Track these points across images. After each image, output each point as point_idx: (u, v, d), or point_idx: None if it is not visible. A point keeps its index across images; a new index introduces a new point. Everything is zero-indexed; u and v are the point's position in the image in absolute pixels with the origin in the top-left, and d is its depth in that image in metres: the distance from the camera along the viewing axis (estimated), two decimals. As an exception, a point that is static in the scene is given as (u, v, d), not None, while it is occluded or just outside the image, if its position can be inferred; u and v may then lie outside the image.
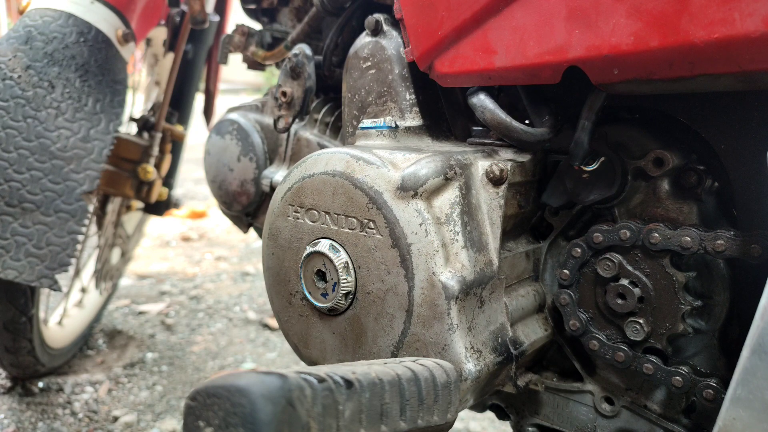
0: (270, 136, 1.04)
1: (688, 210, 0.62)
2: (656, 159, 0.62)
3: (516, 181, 0.65)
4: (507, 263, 0.67)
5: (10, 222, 0.98)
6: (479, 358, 0.59)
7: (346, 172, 0.62)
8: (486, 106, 0.66)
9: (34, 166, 1.00)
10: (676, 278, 0.60)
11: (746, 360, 0.46)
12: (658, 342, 0.62)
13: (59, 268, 1.01)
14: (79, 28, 1.07)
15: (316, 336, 0.67)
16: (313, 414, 0.41)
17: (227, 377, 0.40)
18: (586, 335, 0.66)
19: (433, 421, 0.50)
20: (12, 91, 0.99)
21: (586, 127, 0.60)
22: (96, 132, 1.06)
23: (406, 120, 0.74)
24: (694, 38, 0.47)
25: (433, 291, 0.57)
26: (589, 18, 0.53)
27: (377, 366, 0.49)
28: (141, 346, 1.80)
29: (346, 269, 0.62)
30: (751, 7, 0.44)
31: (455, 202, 0.60)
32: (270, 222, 0.70)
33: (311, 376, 0.42)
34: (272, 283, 0.71)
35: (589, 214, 0.70)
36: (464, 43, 0.64)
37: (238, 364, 1.74)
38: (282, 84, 0.89)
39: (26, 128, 0.99)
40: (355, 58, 0.78)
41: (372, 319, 0.61)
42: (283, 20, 1.07)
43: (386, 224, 0.59)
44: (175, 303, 2.13)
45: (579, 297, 0.67)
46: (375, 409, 0.45)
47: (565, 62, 0.56)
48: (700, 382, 0.59)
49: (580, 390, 0.71)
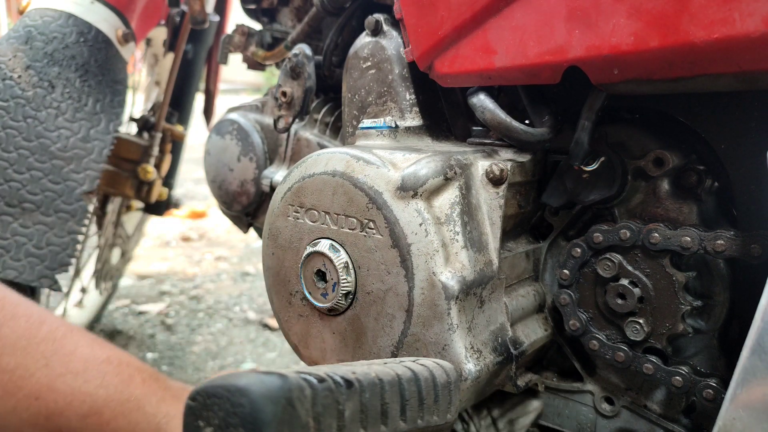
0: (270, 136, 1.04)
1: (688, 210, 0.62)
2: (656, 159, 0.62)
3: (516, 181, 0.65)
4: (507, 263, 0.67)
5: (10, 222, 0.98)
6: (479, 358, 0.59)
7: (346, 172, 0.62)
8: (486, 106, 0.66)
9: (34, 166, 1.00)
10: (676, 278, 0.60)
11: (746, 360, 0.46)
12: (658, 342, 0.62)
13: (59, 268, 1.01)
14: (79, 28, 1.07)
15: (316, 336, 0.67)
16: (313, 414, 0.41)
17: (227, 377, 0.40)
18: (586, 335, 0.66)
19: (433, 421, 0.50)
20: (12, 91, 0.99)
21: (586, 127, 0.60)
22: (96, 132, 1.06)
23: (406, 120, 0.74)
24: (694, 38, 0.47)
25: (433, 291, 0.57)
26: (589, 18, 0.53)
27: (377, 366, 0.49)
28: (141, 346, 1.80)
29: (346, 269, 0.62)
30: (751, 7, 0.44)
31: (455, 202, 0.60)
32: (270, 222, 0.70)
33: (311, 376, 0.42)
34: (272, 283, 0.71)
35: (589, 214, 0.70)
36: (464, 43, 0.64)
37: (238, 364, 1.74)
38: (282, 84, 0.89)
39: (26, 128, 0.99)
40: (355, 58, 0.78)
41: (372, 319, 0.61)
42: (283, 20, 1.07)
43: (386, 224, 0.59)
44: (175, 303, 2.13)
45: (579, 297, 0.67)
46: (375, 409, 0.45)
47: (565, 62, 0.56)
48: (700, 382, 0.59)
49: (580, 390, 0.71)
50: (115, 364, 0.58)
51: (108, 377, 0.57)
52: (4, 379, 0.53)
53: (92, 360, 0.57)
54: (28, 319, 0.57)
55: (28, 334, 0.55)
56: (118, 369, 0.58)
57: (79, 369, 0.56)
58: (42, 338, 0.56)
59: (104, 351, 0.59)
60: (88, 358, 0.57)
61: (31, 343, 0.55)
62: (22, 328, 0.56)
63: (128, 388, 0.57)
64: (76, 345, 0.57)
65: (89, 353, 0.57)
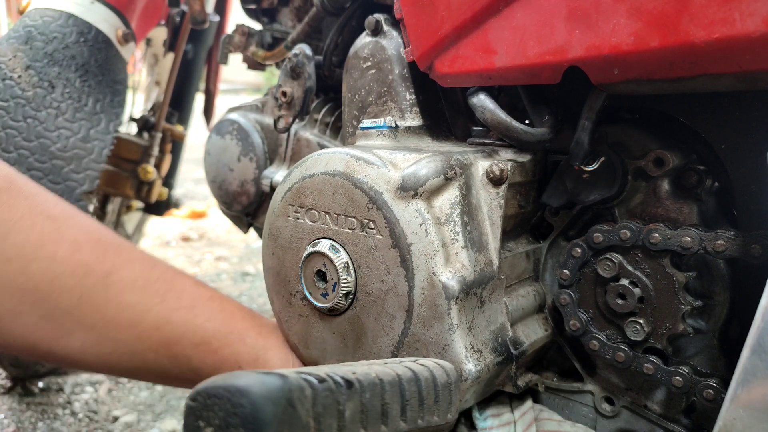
0: (270, 136, 1.04)
1: (688, 210, 0.62)
2: (656, 159, 0.62)
3: (516, 181, 0.65)
4: (507, 263, 0.67)
5: (10, 222, 0.97)
6: (479, 358, 0.59)
7: (347, 172, 0.62)
8: (486, 106, 0.66)
9: (34, 166, 1.00)
10: (677, 278, 0.60)
11: (746, 360, 0.46)
12: (659, 342, 0.62)
13: (59, 268, 1.00)
14: (79, 28, 1.07)
15: (316, 336, 0.67)
16: (313, 414, 0.41)
17: (227, 377, 0.40)
18: (587, 335, 0.66)
19: (434, 422, 0.50)
20: (12, 91, 0.99)
21: (586, 127, 0.60)
22: (96, 132, 1.06)
23: (406, 120, 0.74)
24: (695, 38, 0.47)
25: (434, 291, 0.57)
26: (589, 18, 0.53)
27: (377, 366, 0.49)
28: (141, 346, 1.79)
29: (346, 269, 0.62)
30: (751, 7, 0.44)
31: (455, 202, 0.60)
32: (270, 222, 0.70)
33: (311, 376, 0.42)
34: (272, 283, 0.71)
35: (589, 214, 0.70)
36: (464, 43, 0.64)
37: (238, 364, 1.74)
38: (282, 84, 0.89)
39: (26, 128, 0.99)
40: (355, 58, 0.78)
41: (372, 319, 0.61)
42: (283, 20, 1.07)
43: (386, 224, 0.59)
44: (175, 303, 2.13)
45: (579, 297, 0.67)
46: (375, 410, 0.45)
47: (565, 62, 0.56)
48: (700, 382, 0.59)
49: (580, 390, 0.71)
50: (218, 302, 0.67)
51: (214, 312, 0.65)
52: (128, 313, 0.61)
53: (199, 297, 0.65)
54: (142, 263, 0.64)
55: (144, 275, 0.63)
56: (221, 305, 0.67)
57: (189, 305, 0.64)
58: (156, 278, 0.64)
59: (208, 291, 0.68)
60: (196, 296, 0.65)
61: (147, 283, 0.63)
62: (138, 269, 0.63)
63: (231, 323, 0.66)
64: (184, 285, 0.66)
65: (196, 292, 0.66)
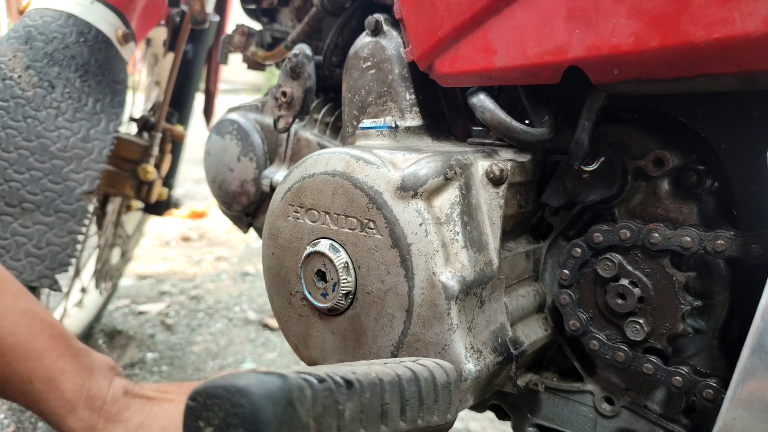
0: (270, 136, 1.04)
1: (688, 210, 0.62)
2: (656, 159, 0.62)
3: (516, 181, 0.65)
4: (507, 263, 0.67)
5: (10, 222, 0.98)
6: (479, 358, 0.59)
7: (346, 172, 0.62)
8: (486, 106, 0.66)
9: (34, 166, 1.00)
10: (676, 278, 0.60)
11: (746, 360, 0.46)
12: (658, 342, 0.62)
13: (59, 268, 1.01)
14: (79, 28, 1.07)
15: (316, 336, 0.67)
16: (313, 414, 0.41)
17: (227, 377, 0.40)
18: (586, 335, 0.66)
19: (433, 422, 0.50)
20: (12, 91, 0.99)
21: (586, 127, 0.60)
22: (96, 132, 1.06)
23: (406, 120, 0.74)
24: (694, 38, 0.47)
25: (433, 291, 0.57)
26: (589, 18, 0.53)
27: (377, 366, 0.49)
28: (141, 346, 1.80)
29: (346, 269, 0.62)
30: (751, 7, 0.44)
31: (455, 202, 0.60)
32: (270, 222, 0.70)
33: (311, 376, 0.42)
34: (272, 283, 0.71)
35: (589, 214, 0.70)
36: (464, 43, 0.64)
37: (238, 364, 1.74)
38: (282, 84, 0.89)
39: (26, 128, 0.99)
40: (355, 58, 0.78)
41: (372, 319, 0.61)
42: (283, 20, 1.07)
43: (386, 224, 0.59)
44: (175, 303, 2.13)
45: (579, 297, 0.67)
46: (375, 410, 0.45)
47: (565, 62, 0.56)
48: (700, 382, 0.59)
49: (580, 390, 0.71)
50: (30, 317, 0.67)
51: (20, 327, 0.65)
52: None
53: (12, 310, 0.66)
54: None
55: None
56: (31, 322, 0.67)
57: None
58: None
59: (25, 304, 0.67)
60: (8, 308, 0.66)
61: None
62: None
63: (33, 340, 0.66)
64: (2, 295, 0.66)
65: (11, 303, 0.66)
